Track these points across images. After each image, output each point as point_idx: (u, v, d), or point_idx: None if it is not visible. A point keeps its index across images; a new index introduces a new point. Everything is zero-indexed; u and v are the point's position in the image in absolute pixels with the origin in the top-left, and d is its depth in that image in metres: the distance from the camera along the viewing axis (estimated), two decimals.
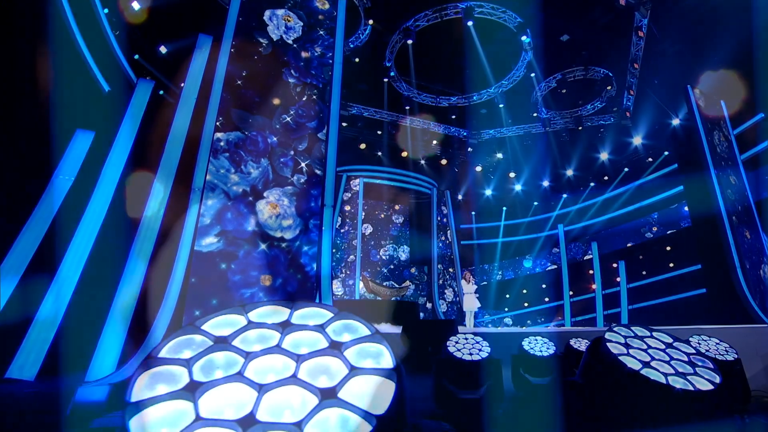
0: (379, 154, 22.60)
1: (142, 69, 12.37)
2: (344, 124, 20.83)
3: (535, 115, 21.10)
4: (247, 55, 7.36)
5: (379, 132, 21.94)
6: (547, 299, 24.32)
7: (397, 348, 6.80)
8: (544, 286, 24.75)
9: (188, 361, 1.56)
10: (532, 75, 18.50)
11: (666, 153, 20.09)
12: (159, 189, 6.14)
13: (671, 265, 19.24)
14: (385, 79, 18.77)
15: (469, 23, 15.12)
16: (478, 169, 25.19)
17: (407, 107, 20.53)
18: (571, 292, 22.33)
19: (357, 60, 17.24)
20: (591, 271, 21.56)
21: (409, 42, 16.33)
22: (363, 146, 21.89)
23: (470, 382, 3.51)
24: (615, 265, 20.60)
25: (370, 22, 15.48)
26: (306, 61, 7.77)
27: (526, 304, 24.89)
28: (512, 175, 25.34)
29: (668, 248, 19.92)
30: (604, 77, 18.69)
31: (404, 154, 22.81)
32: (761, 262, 11.32)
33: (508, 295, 25.48)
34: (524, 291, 25.32)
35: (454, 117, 21.49)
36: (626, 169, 22.47)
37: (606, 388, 2.27)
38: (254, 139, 6.90)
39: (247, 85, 7.17)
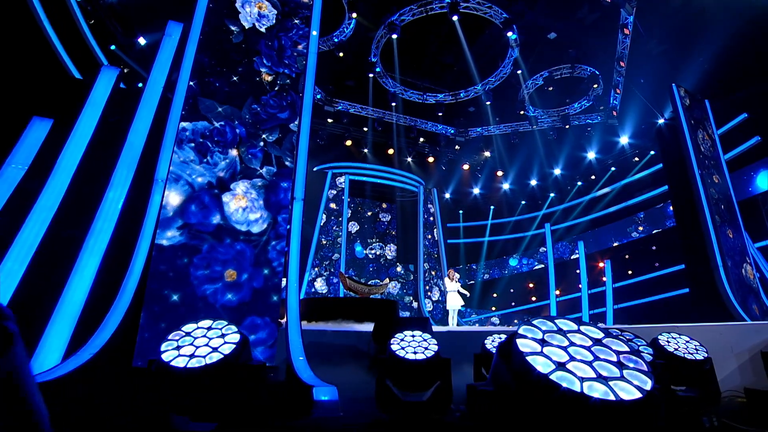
0: (366, 151, 22.39)
1: (118, 59, 12.08)
2: (330, 121, 20.62)
3: (522, 113, 20.98)
4: (216, 42, 7.11)
5: (365, 129, 21.73)
6: (534, 298, 24.26)
7: (369, 346, 6.61)
8: (531, 285, 24.70)
9: None
10: (519, 72, 18.35)
11: (652, 153, 20.07)
12: (119, 180, 5.88)
13: (656, 264, 19.24)
14: (371, 75, 18.53)
15: (455, 18, 14.92)
16: (466, 167, 25.05)
17: (393, 104, 20.32)
18: (557, 291, 22.26)
19: (341, 54, 17.00)
20: (578, 271, 21.50)
21: (394, 37, 16.12)
22: (349, 143, 21.66)
23: (414, 384, 3.27)
24: (601, 264, 20.57)
25: (354, 15, 15.24)
26: (279, 50, 7.53)
27: (513, 304, 24.81)
28: (500, 173, 25.23)
29: (654, 248, 19.92)
30: (591, 75, 18.61)
31: (390, 151, 22.61)
32: (743, 261, 11.25)
33: (495, 294, 25.39)
34: (511, 290, 25.25)
35: (440, 114, 21.31)
36: (613, 169, 22.46)
37: (513, 396, 1.92)
38: (222, 130, 6.65)
39: (215, 74, 6.92)
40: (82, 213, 5.47)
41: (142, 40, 13.13)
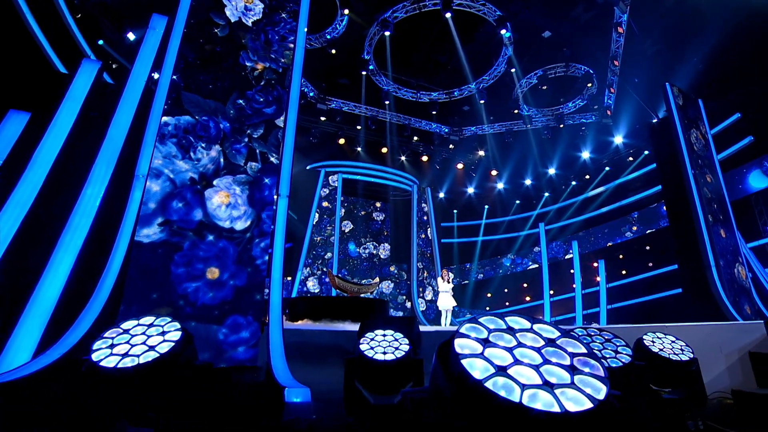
0: (359, 149, 22.27)
1: (106, 54, 11.92)
2: (323, 119, 20.49)
3: (516, 112, 20.91)
4: (201, 36, 6.98)
5: (358, 127, 21.60)
6: (528, 298, 24.22)
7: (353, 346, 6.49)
8: (525, 285, 24.66)
9: None
10: (513, 71, 18.27)
11: (646, 152, 20.05)
12: (98, 175, 5.75)
13: (650, 264, 19.22)
14: (364, 73, 18.42)
15: (448, 15, 14.83)
16: (460, 166, 24.97)
17: (387, 102, 20.21)
18: (551, 291, 22.19)
19: (334, 52, 16.87)
20: (572, 270, 21.45)
21: (387, 34, 16.01)
22: (342, 141, 21.54)
23: (385, 386, 3.13)
24: (595, 264, 20.52)
25: (346, 11, 15.12)
26: (266, 44, 7.41)
27: (507, 303, 24.76)
28: (494, 173, 25.16)
29: (648, 247, 19.90)
30: (585, 74, 18.55)
31: (384, 150, 22.49)
32: (736, 261, 11.21)
33: (489, 294, 25.33)
34: (505, 290, 25.20)
35: (434, 113, 21.22)
36: (607, 168, 22.43)
37: (448, 404, 1.71)
38: (205, 124, 6.52)
39: (199, 68, 6.79)
40: (58, 209, 5.34)
41: (131, 36, 12.96)
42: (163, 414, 2.66)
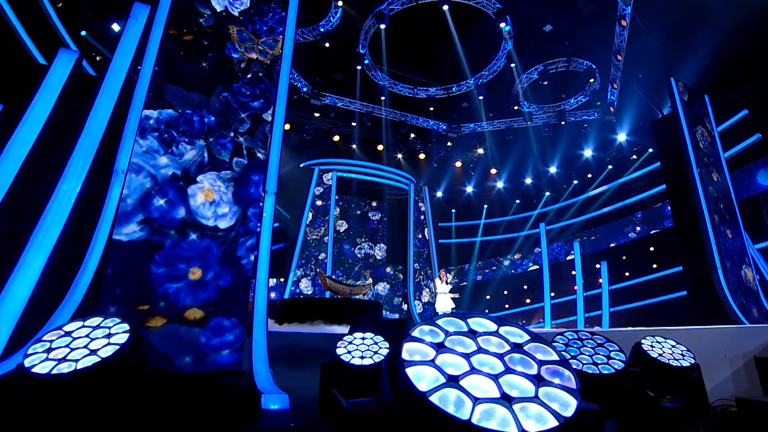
0: (354, 147, 22.16)
1: (89, 45, 11.80)
2: (317, 115, 20.37)
3: (516, 108, 20.84)
4: (185, 26, 6.87)
5: (353, 123, 21.49)
6: (528, 300, 24.14)
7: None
8: (525, 286, 24.58)
9: None
10: (513, 66, 18.19)
11: (651, 150, 19.99)
12: (74, 170, 5.64)
13: (654, 266, 19.16)
14: (359, 67, 18.31)
15: (445, 7, 14.74)
16: (458, 164, 24.88)
17: (383, 97, 20.10)
18: (552, 294, 22.12)
19: (327, 45, 16.76)
20: (573, 272, 21.39)
21: (382, 27, 15.91)
22: (336, 138, 21.43)
23: (364, 392, 3.02)
24: (597, 265, 20.45)
25: (340, 3, 15.01)
26: (253, 35, 7.30)
27: (506, 306, 24.68)
28: (493, 171, 25.08)
29: (652, 248, 19.85)
30: (587, 69, 18.48)
31: (380, 147, 22.39)
32: (743, 263, 11.14)
33: (488, 296, 25.25)
34: (505, 292, 25.11)
35: (432, 109, 21.12)
36: (610, 167, 22.37)
37: (393, 419, 1.53)
38: (189, 118, 6.41)
39: (183, 59, 6.67)
40: (31, 206, 5.23)
41: (116, 27, 12.82)
42: (102, 426, 2.51)
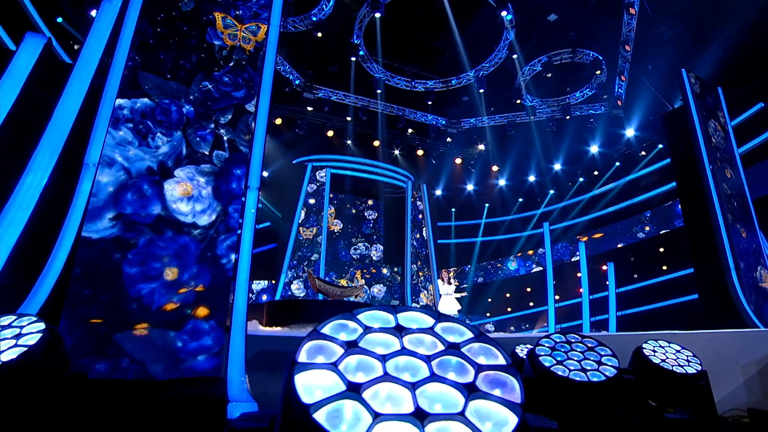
0: (348, 142, 22.02)
1: (66, 33, 11.64)
2: (309, 109, 20.21)
3: (519, 102, 20.71)
4: (163, 10, 6.72)
5: (348, 118, 21.35)
6: (531, 303, 24.01)
7: None
8: (528, 289, 24.46)
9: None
10: (515, 57, 18.06)
11: (660, 146, 19.88)
12: (40, 163, 5.49)
13: (664, 267, 19.05)
14: (353, 59, 18.18)
15: None
16: (458, 161, 24.74)
17: (379, 91, 19.96)
18: (557, 297, 21.99)
19: (320, 35, 16.62)
20: (579, 274, 21.27)
21: (378, 16, 15.78)
22: (330, 133, 21.28)
23: None
24: (604, 267, 20.34)
25: None
26: (236, 20, 7.15)
27: (509, 309, 24.56)
28: (495, 168, 24.95)
29: (662, 249, 19.74)
30: (593, 61, 18.36)
31: (376, 143, 22.25)
32: (758, 264, 11.01)
33: (489, 299, 25.13)
34: (507, 294, 24.99)
35: (430, 103, 20.99)
36: (618, 164, 22.26)
37: None
38: (166, 108, 6.26)
39: (161, 46, 6.53)
40: None
41: (94, 13, 12.66)
42: None
